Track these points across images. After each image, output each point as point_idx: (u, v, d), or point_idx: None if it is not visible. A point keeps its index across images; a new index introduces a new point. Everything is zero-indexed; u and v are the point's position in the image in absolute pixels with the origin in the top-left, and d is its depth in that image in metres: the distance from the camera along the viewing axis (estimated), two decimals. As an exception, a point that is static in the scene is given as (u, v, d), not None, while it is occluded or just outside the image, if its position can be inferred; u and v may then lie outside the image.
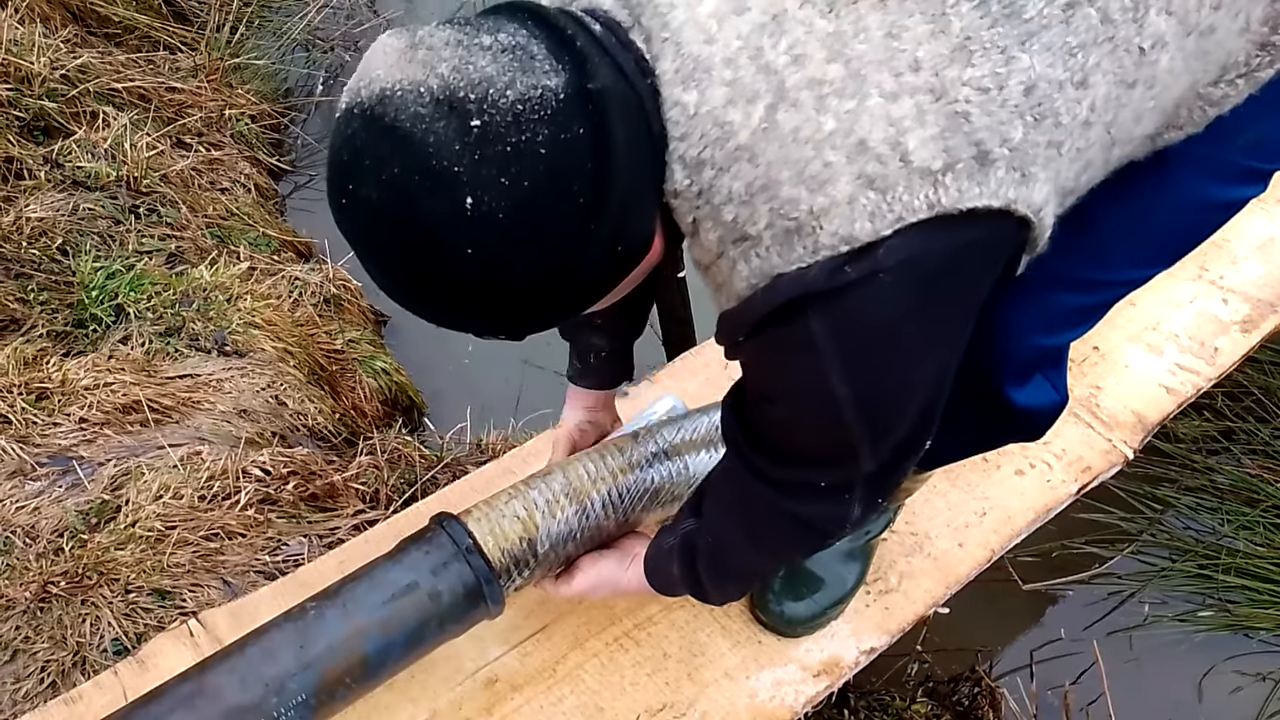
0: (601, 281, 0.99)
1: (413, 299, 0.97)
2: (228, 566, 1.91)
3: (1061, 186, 0.97)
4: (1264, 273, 2.37)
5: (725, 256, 0.96)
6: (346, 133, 0.89)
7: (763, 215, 0.91)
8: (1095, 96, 0.92)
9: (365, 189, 0.87)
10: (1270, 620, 2.39)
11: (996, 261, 0.97)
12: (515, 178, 0.85)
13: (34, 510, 1.92)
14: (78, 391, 2.12)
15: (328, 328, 2.56)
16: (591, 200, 0.89)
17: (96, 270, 2.37)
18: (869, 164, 0.86)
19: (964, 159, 0.87)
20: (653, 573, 1.45)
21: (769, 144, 0.89)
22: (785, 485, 1.13)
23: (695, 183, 0.94)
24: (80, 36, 2.97)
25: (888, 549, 1.84)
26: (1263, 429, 2.63)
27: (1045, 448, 2.00)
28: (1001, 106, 0.87)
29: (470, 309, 0.95)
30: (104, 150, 2.65)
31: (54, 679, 1.74)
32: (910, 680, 2.21)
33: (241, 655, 1.38)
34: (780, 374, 1.02)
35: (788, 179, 0.89)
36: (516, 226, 0.87)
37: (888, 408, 1.02)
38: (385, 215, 0.88)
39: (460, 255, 0.87)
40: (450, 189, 0.84)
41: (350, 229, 0.93)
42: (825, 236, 0.88)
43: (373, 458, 2.23)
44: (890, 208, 0.87)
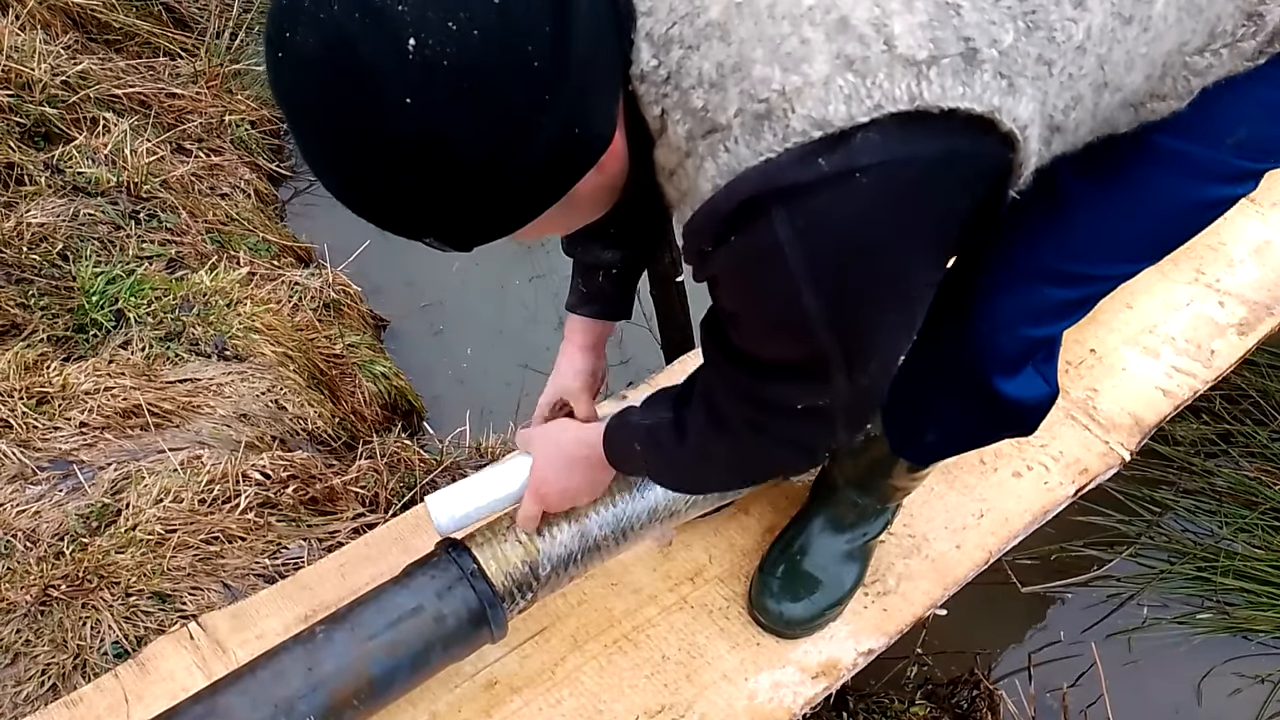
0: (556, 173, 0.90)
1: (349, 172, 0.87)
2: (228, 569, 1.91)
3: (1049, 115, 0.93)
4: (1260, 276, 2.38)
5: (693, 155, 0.90)
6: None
7: (733, 99, 0.85)
8: (1092, 23, 0.89)
9: (302, 33, 0.80)
10: (1269, 623, 2.39)
11: (978, 181, 0.92)
12: (464, 24, 0.77)
13: (35, 514, 1.93)
14: (78, 396, 2.12)
15: (328, 332, 2.57)
16: (547, 67, 0.81)
17: (97, 275, 2.38)
18: (850, 44, 0.82)
19: (951, 54, 0.83)
20: (613, 439, 1.35)
21: (743, 20, 0.84)
22: (764, 403, 1.08)
23: (663, 64, 0.88)
24: (81, 43, 2.98)
25: (886, 551, 1.84)
26: (1261, 432, 2.63)
27: (1043, 450, 2.01)
28: (995, 5, 0.84)
29: (409, 187, 0.85)
30: (104, 156, 2.66)
31: (55, 682, 1.75)
32: (909, 683, 2.21)
33: (252, 676, 1.40)
34: (748, 288, 0.96)
35: (761, 57, 0.84)
36: (461, 79, 0.78)
37: (862, 326, 0.97)
38: (321, 61, 0.80)
39: (398, 105, 0.78)
40: (392, 29, 0.77)
41: (284, 83, 0.84)
42: (796, 120, 0.83)
43: (372, 461, 2.23)
44: (869, 93, 0.82)
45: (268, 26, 0.84)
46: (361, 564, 1.80)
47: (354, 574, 1.78)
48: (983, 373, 1.30)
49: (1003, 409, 1.36)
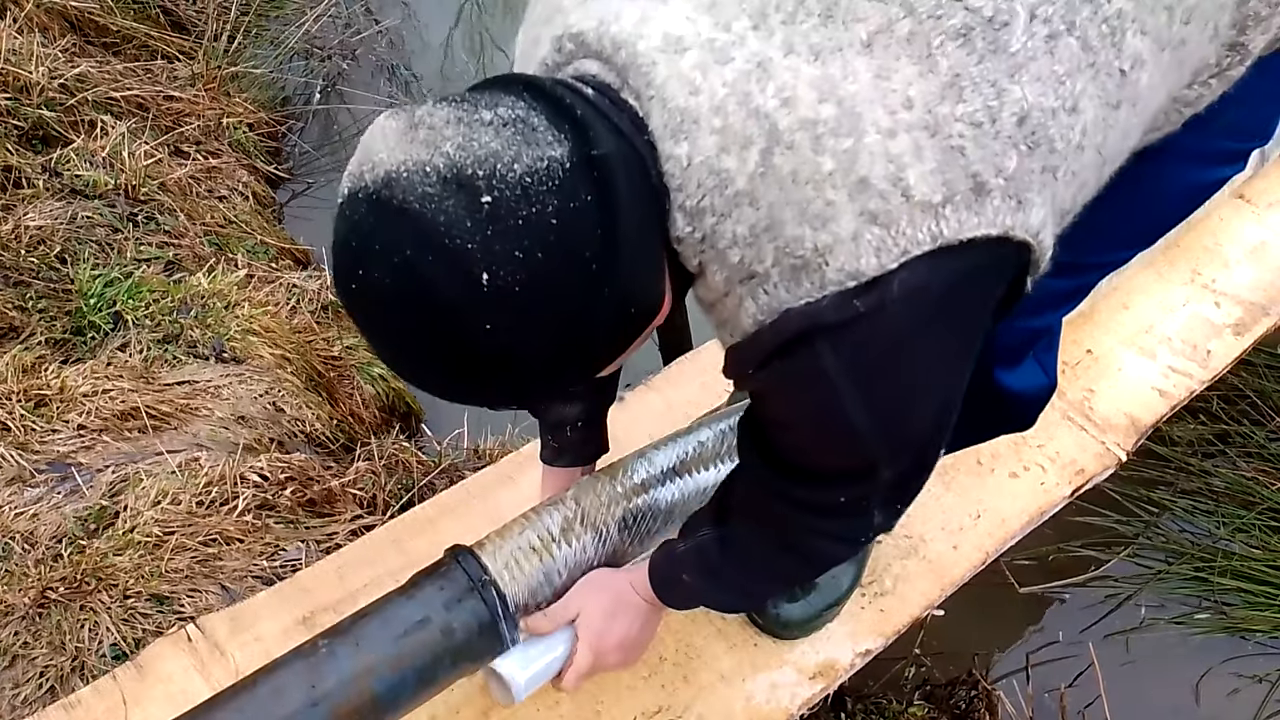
0: (614, 344, 0.99)
1: (429, 379, 0.96)
2: (226, 571, 1.91)
3: (1059, 208, 0.98)
4: (1256, 276, 2.38)
5: (732, 294, 0.97)
6: (353, 218, 0.87)
7: (768, 254, 0.92)
8: (1085, 120, 0.94)
9: (377, 273, 0.86)
10: (1267, 623, 2.39)
11: (999, 283, 0.99)
12: (529, 250, 0.84)
13: (33, 516, 1.93)
14: (76, 398, 2.12)
15: (325, 334, 2.57)
16: (603, 264, 0.89)
17: (95, 278, 2.38)
18: (871, 200, 0.88)
19: (961, 191, 0.88)
20: (660, 577, 1.40)
21: (768, 187, 0.90)
22: (807, 505, 1.15)
23: (698, 229, 0.94)
24: (78, 46, 2.98)
25: (883, 552, 1.85)
26: (1258, 432, 2.63)
27: (1039, 450, 2.02)
28: (995, 139, 0.89)
29: (486, 383, 0.94)
30: (102, 159, 2.66)
31: (53, 684, 1.75)
32: (907, 683, 2.22)
33: (250, 693, 1.34)
34: (794, 404, 1.03)
35: (791, 219, 0.90)
36: (532, 298, 0.86)
37: (904, 427, 1.03)
38: (399, 298, 0.86)
39: (478, 332, 0.86)
40: (465, 266, 0.83)
41: (362, 315, 0.92)
42: (832, 272, 0.89)
43: (370, 463, 2.23)
44: (895, 242, 0.88)
45: (338, 263, 0.90)
46: (360, 566, 1.80)
47: (352, 576, 1.78)
48: (984, 365, 1.31)
49: (1002, 402, 1.38)
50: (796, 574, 1.35)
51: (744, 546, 1.27)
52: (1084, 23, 0.91)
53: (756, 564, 1.28)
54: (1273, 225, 2.49)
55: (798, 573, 1.34)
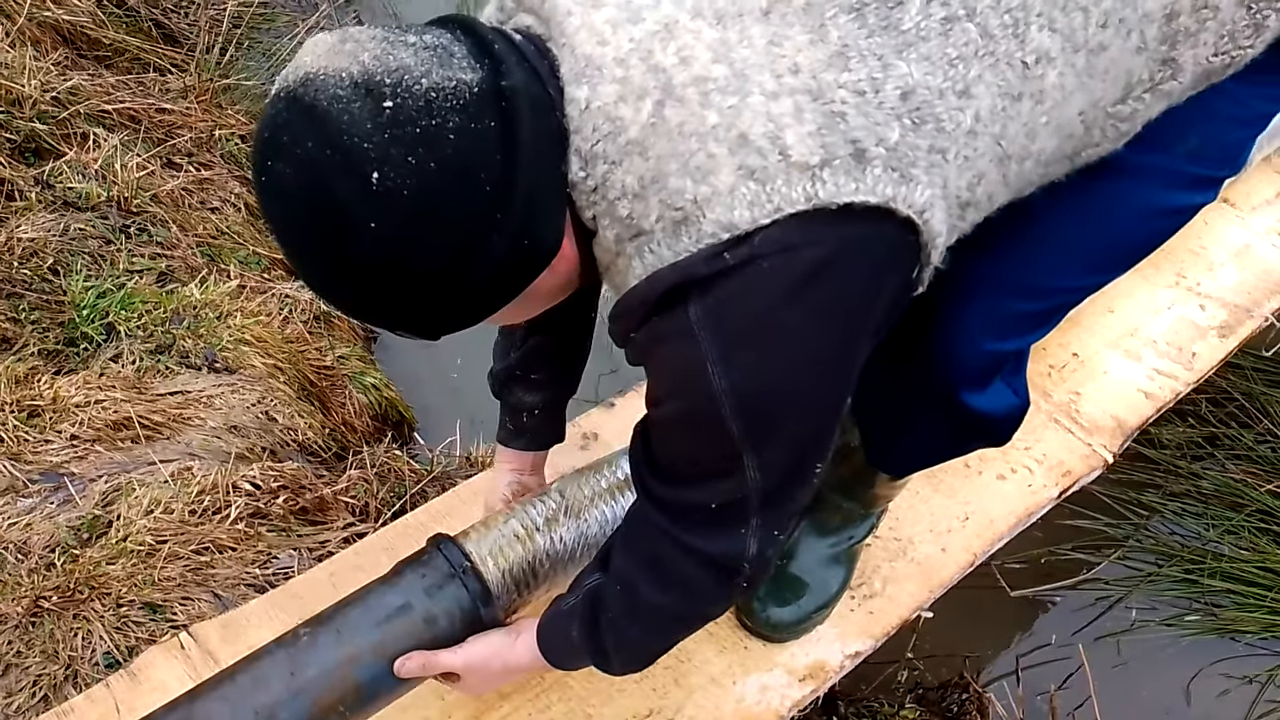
0: (509, 279, 1.01)
1: (326, 282, 1.00)
2: (218, 580, 1.92)
3: (954, 195, 1.00)
4: (1240, 279, 2.41)
5: (623, 254, 1.00)
6: (270, 114, 0.93)
7: (654, 208, 0.95)
8: (980, 107, 0.96)
9: (281, 165, 0.91)
10: (1256, 623, 2.41)
11: (883, 267, 0.99)
12: (422, 158, 0.89)
13: (26, 526, 1.94)
14: (69, 409, 2.13)
15: (318, 344, 2.58)
16: (498, 190, 0.93)
17: (87, 289, 2.39)
18: (749, 156, 0.91)
19: (841, 155, 0.91)
20: (548, 638, 1.35)
21: (658, 138, 0.93)
22: (678, 509, 1.12)
23: (590, 176, 0.97)
24: (71, 59, 2.99)
25: (871, 554, 1.86)
26: (1246, 434, 2.65)
27: (1026, 453, 2.03)
28: (878, 108, 0.92)
29: (379, 294, 0.98)
30: (94, 171, 2.67)
31: (46, 693, 1.75)
32: (899, 687, 2.23)
33: (232, 682, 1.34)
34: (662, 366, 1.04)
35: (674, 170, 0.93)
36: (420, 206, 0.90)
37: (768, 408, 1.01)
38: (298, 191, 0.92)
39: (364, 231, 0.90)
40: (358, 165, 0.88)
41: (267, 207, 0.96)
42: (708, 225, 0.92)
43: (362, 472, 2.24)
44: (769, 198, 0.90)
45: (253, 153, 0.96)
46: (352, 573, 1.80)
47: (344, 583, 1.78)
48: (950, 387, 1.32)
49: (972, 421, 1.37)
50: (675, 615, 1.25)
51: (626, 587, 1.22)
52: (985, 10, 0.94)
53: (638, 607, 1.21)
54: (1256, 228, 2.51)
55: (676, 613, 1.24)
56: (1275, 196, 2.60)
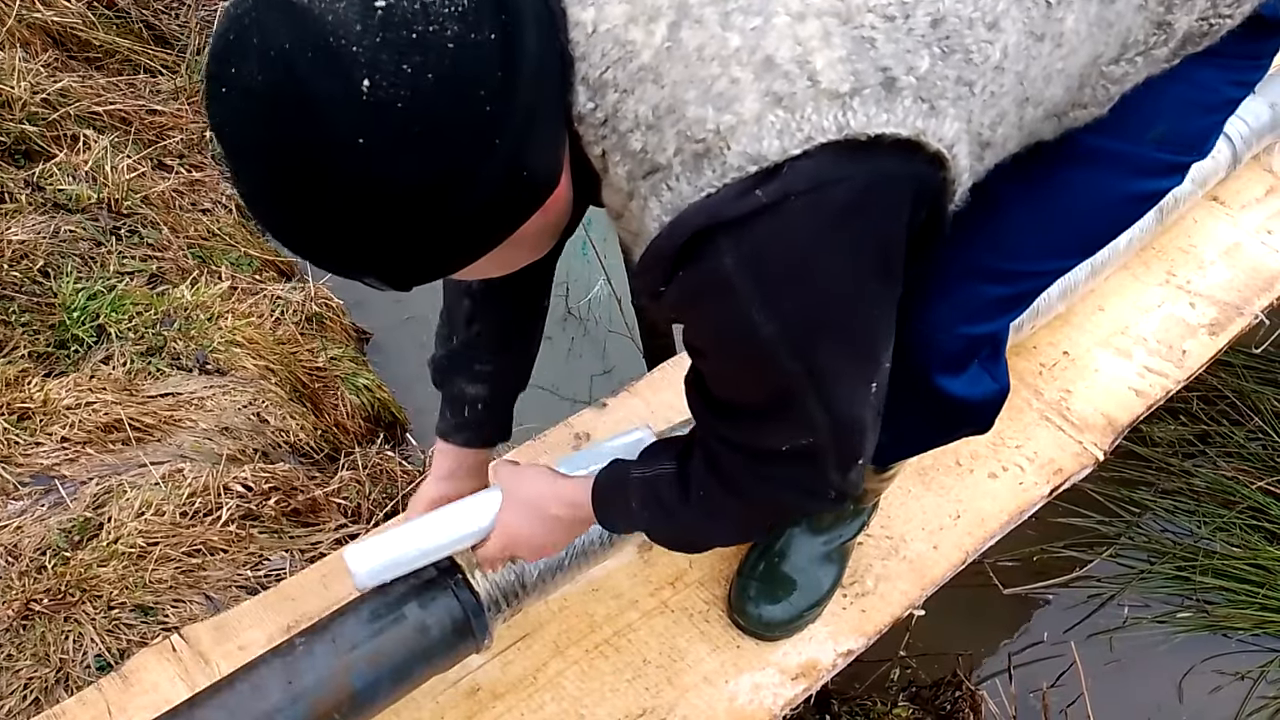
0: (500, 214, 0.91)
1: (290, 212, 0.87)
2: (210, 582, 1.92)
3: (976, 132, 0.96)
4: (1230, 277, 2.41)
5: (636, 195, 0.93)
6: (235, 12, 0.81)
7: (670, 140, 0.88)
8: (1007, 42, 0.93)
9: (248, 68, 0.79)
10: (1248, 620, 2.41)
11: (913, 200, 0.95)
12: (418, 67, 0.78)
13: (16, 529, 1.93)
14: (60, 411, 2.13)
15: (310, 345, 2.58)
16: (496, 110, 0.82)
17: (78, 291, 2.39)
18: (776, 81, 0.85)
19: (871, 84, 0.86)
20: (605, 495, 1.29)
21: (673, 63, 0.87)
22: (751, 450, 1.09)
23: (600, 107, 0.91)
24: (61, 61, 2.99)
25: (863, 552, 1.86)
26: (1237, 432, 2.66)
27: (1017, 451, 2.04)
28: (908, 35, 0.87)
29: (352, 226, 0.85)
30: (85, 173, 2.67)
31: (37, 696, 1.75)
32: (892, 685, 2.23)
33: (231, 690, 1.37)
34: (705, 321, 0.98)
35: (694, 98, 0.86)
36: (413, 122, 0.79)
37: (820, 350, 0.98)
38: (269, 96, 0.79)
39: (347, 144, 0.79)
40: (346, 69, 0.77)
41: (225, 117, 0.83)
42: (733, 157, 0.86)
43: (354, 473, 2.24)
44: (799, 126, 0.85)
45: (209, 62, 0.83)
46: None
47: (336, 585, 1.79)
48: (925, 373, 1.31)
49: (951, 407, 1.37)
50: (760, 522, 1.26)
51: (705, 491, 1.18)
52: None
53: (717, 511, 1.19)
54: (1246, 226, 2.52)
55: (762, 521, 1.27)
56: (1265, 195, 2.61)
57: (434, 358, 1.48)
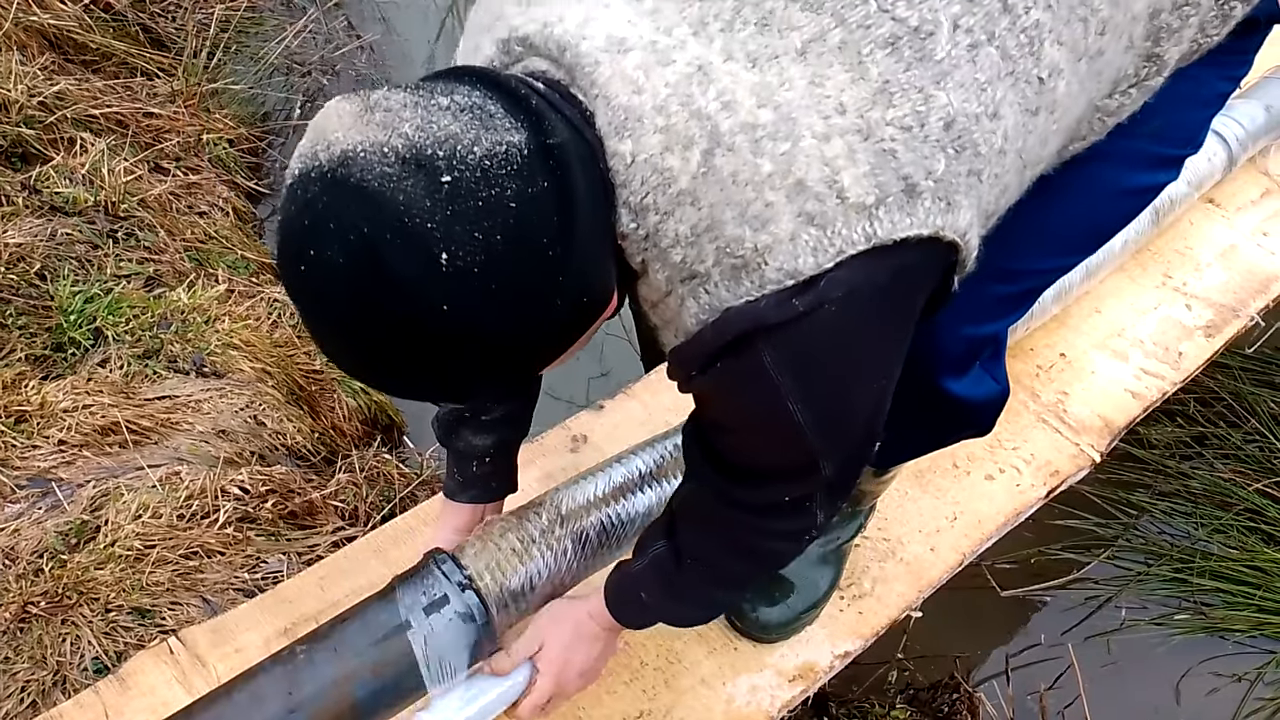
0: (566, 334, 0.99)
1: (380, 369, 0.95)
2: (207, 584, 1.92)
3: (984, 210, 1.02)
4: (1226, 279, 2.42)
5: (674, 294, 1.00)
6: (305, 197, 0.86)
7: (709, 254, 0.94)
8: (1006, 126, 0.97)
9: (330, 251, 0.84)
10: (1245, 622, 2.42)
11: (927, 283, 1.02)
12: (488, 232, 0.84)
13: (13, 532, 1.93)
14: (56, 414, 2.12)
15: (306, 348, 2.57)
16: (559, 251, 0.89)
17: (75, 294, 2.38)
18: (808, 202, 0.91)
19: (894, 193, 0.92)
20: (617, 599, 1.39)
21: (709, 187, 0.92)
22: (753, 506, 1.17)
23: (641, 226, 0.96)
24: (58, 64, 2.98)
25: (860, 554, 1.86)
26: (1234, 434, 2.66)
27: (1014, 453, 2.04)
28: (924, 142, 0.93)
29: (440, 370, 0.93)
30: (82, 176, 2.66)
31: (34, 699, 1.75)
32: (890, 688, 2.23)
33: (228, 700, 1.34)
34: (738, 404, 1.05)
35: (731, 219, 0.92)
36: (490, 281, 0.85)
37: (844, 422, 1.06)
38: (355, 277, 0.85)
39: (435, 313, 0.85)
40: (424, 245, 0.83)
41: (311, 297, 0.90)
42: (771, 271, 0.92)
43: (351, 475, 2.24)
44: (831, 242, 0.91)
45: (286, 243, 0.89)
46: (341, 577, 1.81)
47: (333, 587, 1.79)
48: (930, 374, 1.33)
49: (954, 409, 1.39)
50: (748, 576, 1.36)
51: (698, 555, 1.27)
52: (1003, 33, 0.95)
53: (711, 571, 1.28)
54: (1242, 229, 2.53)
55: (750, 575, 1.35)
56: (1260, 197, 2.62)
57: (439, 415, 1.52)
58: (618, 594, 1.38)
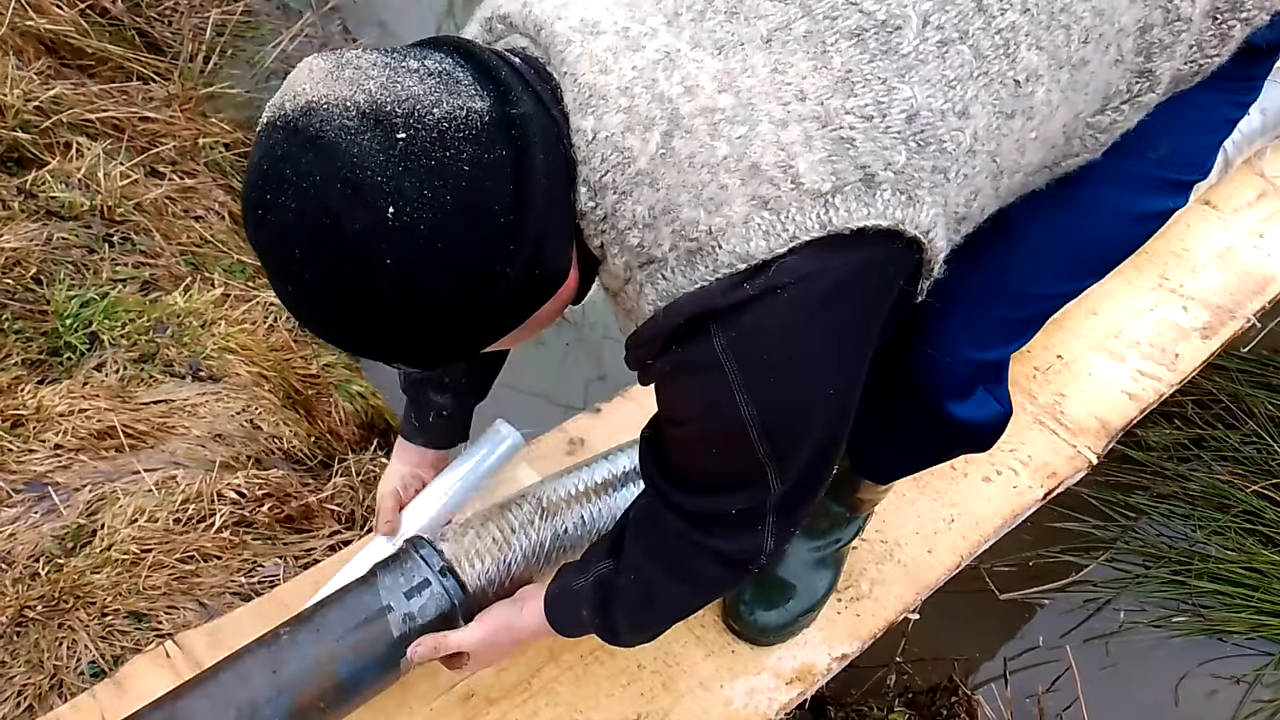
0: (517, 308, 1.00)
1: (326, 320, 0.97)
2: (204, 588, 1.91)
3: (952, 212, 1.01)
4: (1223, 280, 2.42)
5: (633, 281, 1.00)
6: (268, 144, 0.89)
7: (665, 238, 0.95)
8: (977, 126, 0.97)
9: (284, 199, 0.87)
10: (1243, 624, 2.42)
11: (890, 283, 1.01)
12: (438, 191, 0.86)
13: (10, 536, 1.93)
14: (53, 418, 2.12)
15: (303, 352, 2.57)
16: (512, 222, 0.91)
17: (71, 299, 2.38)
18: (762, 186, 0.91)
19: (851, 181, 0.92)
20: (557, 613, 1.40)
21: (667, 169, 0.93)
22: (699, 516, 1.15)
23: (600, 205, 0.97)
24: (54, 68, 2.98)
25: (858, 556, 1.86)
26: (1232, 436, 2.66)
27: (1011, 454, 2.04)
28: (884, 133, 0.93)
29: (384, 330, 0.95)
30: (78, 180, 2.66)
31: (31, 703, 1.74)
32: (889, 691, 2.23)
33: (215, 680, 1.39)
34: (688, 394, 1.05)
35: (687, 202, 0.93)
36: (437, 241, 0.87)
37: (792, 424, 1.04)
38: (305, 226, 0.88)
39: (379, 267, 0.87)
40: (372, 199, 0.85)
41: (266, 243, 0.92)
42: (724, 254, 0.93)
43: (348, 479, 2.24)
44: (785, 227, 0.91)
45: (247, 187, 0.92)
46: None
47: (330, 590, 1.79)
48: (933, 397, 1.33)
49: (955, 430, 1.39)
50: (681, 601, 1.33)
51: (639, 576, 1.26)
52: (976, 32, 0.96)
53: (646, 589, 1.27)
54: (1238, 230, 2.53)
55: (682, 600, 1.32)
56: (1256, 199, 2.62)
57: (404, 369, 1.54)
58: (558, 608, 1.40)
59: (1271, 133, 2.55)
